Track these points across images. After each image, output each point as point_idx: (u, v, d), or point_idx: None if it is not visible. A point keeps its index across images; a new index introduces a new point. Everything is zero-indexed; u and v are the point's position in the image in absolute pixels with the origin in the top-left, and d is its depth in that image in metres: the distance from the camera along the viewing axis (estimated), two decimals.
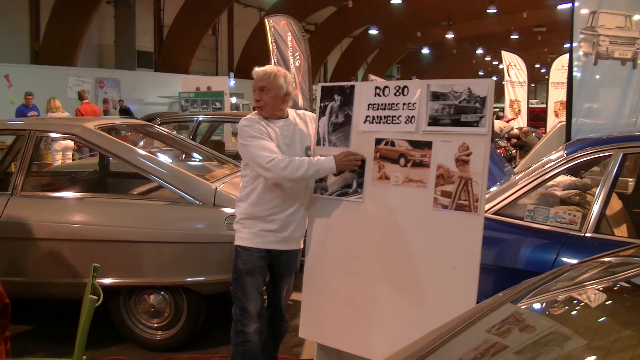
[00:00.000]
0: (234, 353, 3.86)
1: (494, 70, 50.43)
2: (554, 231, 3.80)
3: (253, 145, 3.67)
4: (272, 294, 4.04)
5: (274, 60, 14.34)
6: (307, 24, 33.48)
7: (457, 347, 1.77)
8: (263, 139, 3.68)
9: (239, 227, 3.82)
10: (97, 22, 23.66)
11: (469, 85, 3.28)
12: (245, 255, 3.79)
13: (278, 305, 4.06)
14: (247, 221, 3.77)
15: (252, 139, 3.68)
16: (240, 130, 3.77)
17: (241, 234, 3.80)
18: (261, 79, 3.77)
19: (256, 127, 3.72)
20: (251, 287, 3.80)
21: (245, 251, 3.79)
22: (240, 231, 3.81)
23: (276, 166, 3.57)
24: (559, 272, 2.36)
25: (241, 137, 3.75)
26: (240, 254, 3.80)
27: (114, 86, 23.28)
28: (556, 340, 1.77)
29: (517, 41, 38.02)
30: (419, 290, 3.38)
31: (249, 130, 3.71)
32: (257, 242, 3.77)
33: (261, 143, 3.66)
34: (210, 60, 31.94)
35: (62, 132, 5.15)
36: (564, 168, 4.04)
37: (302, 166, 3.60)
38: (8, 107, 17.37)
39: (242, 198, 3.81)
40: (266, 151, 3.62)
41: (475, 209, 3.20)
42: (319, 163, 3.64)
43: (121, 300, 4.81)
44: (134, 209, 4.77)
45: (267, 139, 3.69)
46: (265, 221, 3.77)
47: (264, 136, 3.70)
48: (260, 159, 3.62)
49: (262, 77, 3.78)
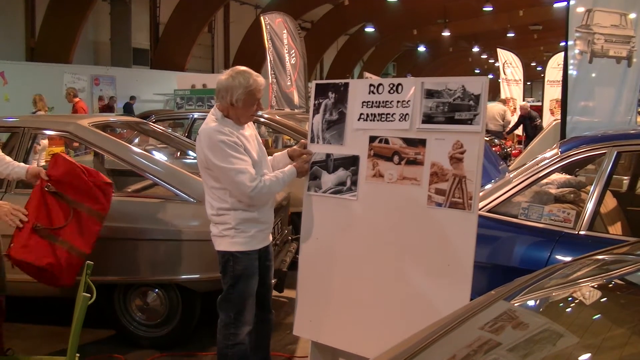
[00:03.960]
0: (223, 356, 3.82)
1: (490, 68, 50.48)
2: (548, 229, 3.80)
3: (232, 169, 3.55)
4: (261, 288, 3.97)
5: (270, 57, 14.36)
6: (303, 21, 33.45)
7: (450, 344, 1.77)
8: (240, 159, 3.57)
9: (233, 233, 3.70)
10: (92, 19, 23.64)
11: (463, 83, 3.27)
12: (245, 260, 3.73)
13: (266, 299, 4.04)
14: (243, 226, 3.71)
15: (230, 160, 3.55)
16: (213, 145, 3.57)
17: (238, 239, 3.71)
18: (262, 89, 3.73)
19: (231, 142, 3.58)
20: (251, 291, 3.79)
21: (245, 255, 3.73)
22: (236, 237, 3.71)
23: (258, 194, 3.60)
24: (552, 270, 2.36)
25: (215, 154, 3.57)
26: (240, 259, 3.72)
27: (109, 83, 23.23)
28: (549, 337, 1.77)
29: (513, 39, 38.09)
30: (413, 287, 3.38)
31: (225, 148, 3.55)
32: (255, 244, 3.76)
33: (240, 167, 3.55)
34: (206, 57, 31.93)
35: (56, 129, 5.13)
36: (559, 166, 4.04)
37: (277, 184, 3.70)
38: (3, 104, 17.33)
39: (229, 208, 3.68)
40: (246, 177, 3.54)
41: (469, 206, 3.20)
42: (286, 176, 3.73)
43: (115, 297, 4.80)
44: (128, 206, 4.75)
45: (242, 155, 3.60)
46: (259, 222, 3.76)
47: (240, 152, 3.59)
48: (244, 188, 3.56)
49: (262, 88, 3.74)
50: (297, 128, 7.95)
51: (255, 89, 3.67)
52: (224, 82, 3.68)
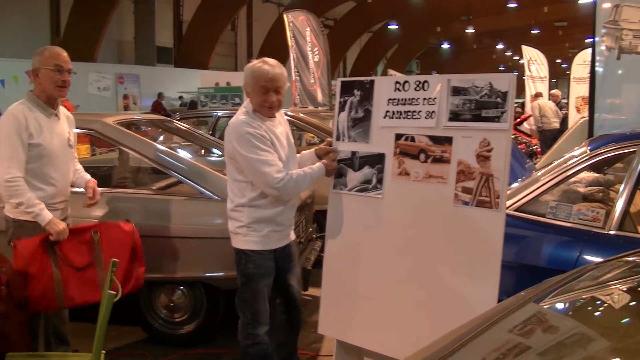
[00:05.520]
0: (244, 355, 3.83)
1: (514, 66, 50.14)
2: (576, 228, 3.75)
3: (258, 160, 3.56)
4: (284, 288, 4.00)
5: (293, 55, 14.36)
6: (326, 19, 33.49)
7: (480, 347, 1.74)
8: (267, 151, 3.59)
9: (246, 232, 3.71)
10: (117, 18, 23.83)
11: (490, 79, 3.23)
12: (257, 259, 3.74)
13: (293, 298, 4.03)
14: (256, 225, 3.71)
15: (256, 151, 3.57)
16: (239, 136, 3.60)
17: (250, 237, 3.72)
18: (279, 79, 3.67)
19: (259, 135, 3.60)
20: (263, 290, 3.78)
21: (257, 254, 3.73)
22: (248, 235, 3.71)
23: (285, 187, 3.59)
24: (582, 271, 2.33)
25: (241, 145, 3.59)
26: (252, 258, 3.73)
27: (134, 82, 23.42)
28: (580, 341, 1.74)
29: (538, 36, 37.78)
30: (439, 287, 3.35)
31: (252, 139, 3.57)
32: (269, 244, 3.75)
33: (266, 158, 3.56)
34: (230, 55, 32.06)
35: (82, 127, 5.16)
36: (587, 164, 3.99)
37: (304, 180, 3.67)
38: None
39: (245, 204, 3.70)
40: (273, 169, 3.56)
41: (496, 205, 3.16)
42: (315, 173, 3.71)
43: (140, 295, 4.82)
44: (153, 204, 4.77)
45: (269, 148, 3.61)
46: (274, 222, 3.74)
47: (267, 145, 3.60)
48: (269, 178, 3.56)
49: (280, 77, 3.67)
50: (321, 125, 7.94)
51: (261, 74, 3.64)
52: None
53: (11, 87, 17.74)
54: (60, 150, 4.02)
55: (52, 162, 3.96)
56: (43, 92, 3.95)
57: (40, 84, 3.95)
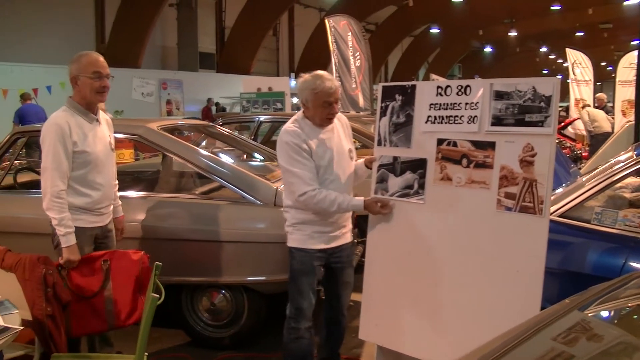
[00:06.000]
0: (287, 349, 3.94)
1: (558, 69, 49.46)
2: (622, 235, 3.68)
3: (288, 170, 3.72)
4: (330, 291, 4.07)
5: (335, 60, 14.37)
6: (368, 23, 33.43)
7: (523, 355, 1.73)
8: (301, 163, 3.70)
9: (292, 230, 3.87)
10: (160, 25, 24.13)
11: (533, 84, 3.20)
12: (300, 257, 3.84)
13: (338, 302, 4.07)
14: (300, 225, 3.83)
15: (291, 162, 3.71)
16: (280, 143, 3.78)
17: (295, 235, 3.86)
18: (337, 90, 3.77)
19: (295, 145, 3.72)
20: (307, 287, 3.85)
21: (301, 252, 3.84)
22: (293, 233, 3.86)
23: (305, 202, 3.70)
24: (628, 279, 2.29)
25: (279, 153, 3.79)
26: (295, 255, 3.86)
27: (177, 87, 23.65)
28: (625, 350, 1.71)
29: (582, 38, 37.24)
30: (481, 293, 3.32)
31: (289, 151, 3.72)
32: (312, 243, 3.83)
33: (296, 170, 3.69)
34: (271, 60, 32.21)
35: (126, 132, 5.23)
36: (634, 169, 3.91)
37: (330, 204, 3.68)
38: None
39: (291, 205, 3.85)
40: (300, 181, 3.68)
41: (540, 211, 3.13)
42: (348, 205, 3.74)
43: (183, 298, 4.87)
44: (195, 208, 4.82)
45: (305, 161, 3.71)
46: (317, 224, 3.82)
47: (302, 156, 3.71)
48: (294, 188, 3.71)
49: (337, 89, 3.78)
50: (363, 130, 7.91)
51: (321, 91, 3.71)
52: (297, 84, 3.86)
53: (58, 93, 18.06)
54: (104, 155, 4.07)
55: (97, 167, 4.01)
56: (83, 98, 3.98)
57: (80, 91, 3.97)
